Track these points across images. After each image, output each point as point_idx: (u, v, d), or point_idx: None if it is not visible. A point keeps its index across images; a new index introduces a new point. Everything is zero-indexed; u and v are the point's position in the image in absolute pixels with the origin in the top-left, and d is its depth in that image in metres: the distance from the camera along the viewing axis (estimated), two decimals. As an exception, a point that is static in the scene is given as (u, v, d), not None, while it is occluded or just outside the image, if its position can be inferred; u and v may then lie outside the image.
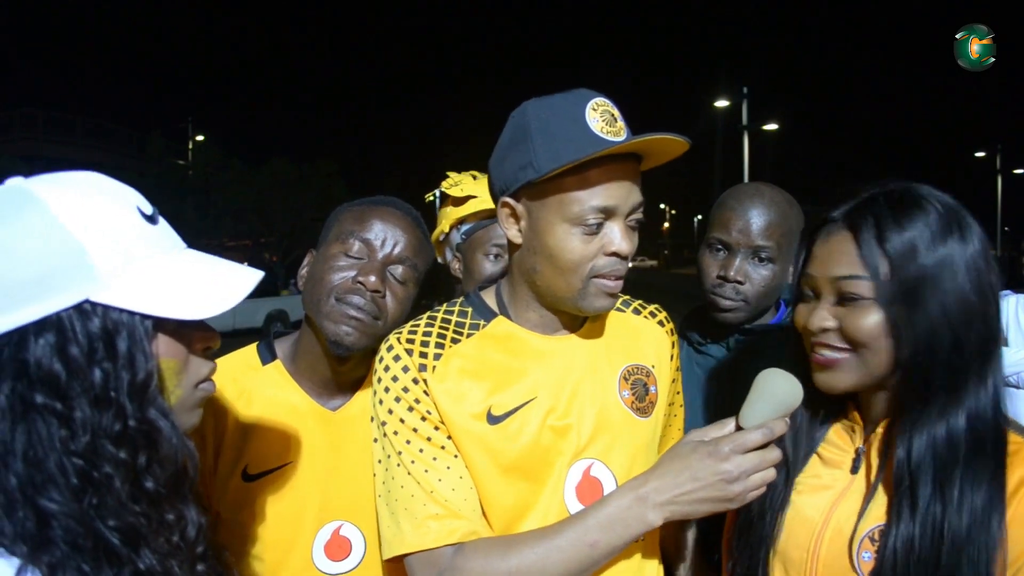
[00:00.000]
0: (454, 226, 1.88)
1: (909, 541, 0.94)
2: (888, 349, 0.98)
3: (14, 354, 0.71)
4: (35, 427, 0.70)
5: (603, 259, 1.10)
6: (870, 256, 0.98)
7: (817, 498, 1.08)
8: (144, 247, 0.79)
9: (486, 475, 1.12)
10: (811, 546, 1.05)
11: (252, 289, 0.85)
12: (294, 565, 1.25)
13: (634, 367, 1.24)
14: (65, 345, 0.72)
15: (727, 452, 1.02)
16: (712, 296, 1.59)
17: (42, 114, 26.86)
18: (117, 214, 0.78)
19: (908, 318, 0.96)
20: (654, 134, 1.04)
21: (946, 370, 0.96)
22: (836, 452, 1.11)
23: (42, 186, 0.76)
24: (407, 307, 1.34)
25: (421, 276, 1.37)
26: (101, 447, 0.72)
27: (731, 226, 1.56)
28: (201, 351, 0.86)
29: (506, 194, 1.14)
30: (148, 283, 0.77)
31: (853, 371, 1.02)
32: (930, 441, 0.96)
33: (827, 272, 1.03)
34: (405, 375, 1.14)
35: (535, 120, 1.09)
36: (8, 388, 0.70)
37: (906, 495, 0.96)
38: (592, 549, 1.05)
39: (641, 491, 1.05)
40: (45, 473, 0.70)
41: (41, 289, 0.71)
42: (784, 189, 1.64)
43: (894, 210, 0.99)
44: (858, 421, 1.10)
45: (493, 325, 1.20)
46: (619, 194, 1.08)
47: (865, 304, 0.99)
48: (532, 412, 1.13)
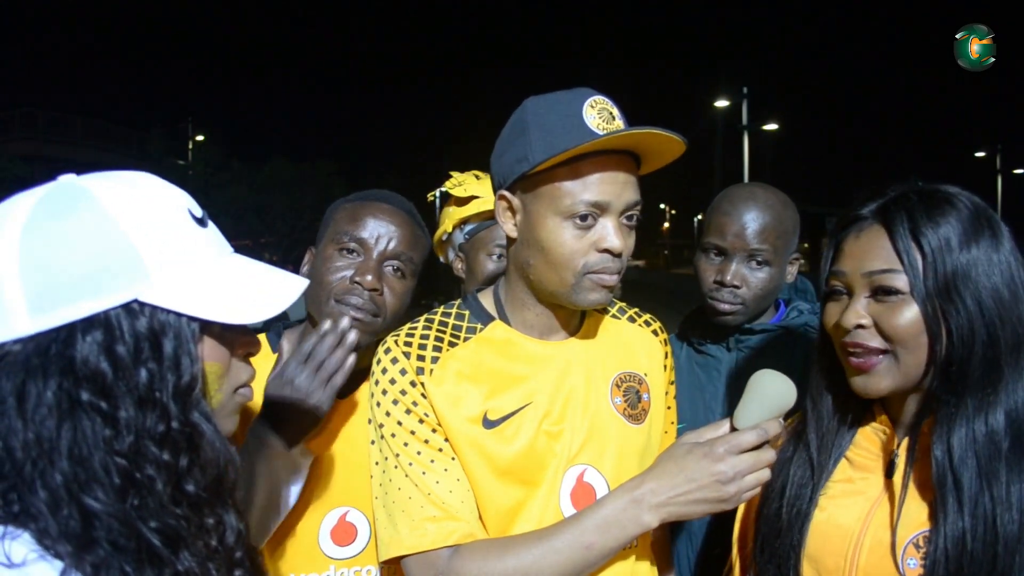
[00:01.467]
0: (457, 226, 1.88)
1: (959, 540, 0.92)
2: (924, 347, 0.97)
3: (62, 350, 0.70)
4: (80, 425, 0.70)
5: (595, 255, 1.10)
6: (906, 250, 0.97)
7: (851, 504, 1.06)
8: (193, 250, 0.78)
9: (482, 478, 1.12)
10: (849, 554, 1.03)
11: (296, 297, 0.84)
12: (301, 550, 1.27)
13: (627, 374, 1.24)
14: (112, 344, 0.71)
15: (722, 453, 1.02)
16: (710, 300, 1.59)
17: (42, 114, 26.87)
18: (169, 215, 0.78)
19: (944, 313, 0.96)
20: (646, 128, 1.04)
21: (982, 366, 0.95)
22: (866, 456, 1.09)
23: (96, 183, 0.76)
24: (406, 300, 1.35)
25: (419, 267, 1.38)
26: (144, 448, 0.72)
27: (726, 231, 1.56)
28: (242, 356, 0.85)
29: (503, 187, 1.15)
30: (196, 286, 0.76)
31: (891, 374, 1.00)
32: (970, 437, 0.94)
33: (861, 267, 1.01)
34: (403, 378, 1.14)
35: (533, 115, 1.10)
36: (55, 385, 0.70)
37: (951, 492, 0.94)
38: (588, 551, 1.05)
39: (636, 493, 1.05)
40: (90, 472, 0.70)
41: (92, 286, 0.71)
42: (784, 189, 1.64)
43: (927, 206, 0.99)
44: (887, 424, 1.08)
45: (490, 329, 1.20)
46: (612, 190, 1.08)
47: (901, 299, 0.98)
48: (527, 417, 1.14)
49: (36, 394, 0.69)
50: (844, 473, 1.09)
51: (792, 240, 1.60)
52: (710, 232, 1.60)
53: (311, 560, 1.28)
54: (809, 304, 1.69)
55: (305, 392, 1.16)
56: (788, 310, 1.67)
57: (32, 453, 0.69)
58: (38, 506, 0.69)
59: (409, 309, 1.40)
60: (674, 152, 1.12)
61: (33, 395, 0.69)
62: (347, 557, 1.29)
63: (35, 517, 0.68)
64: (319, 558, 1.28)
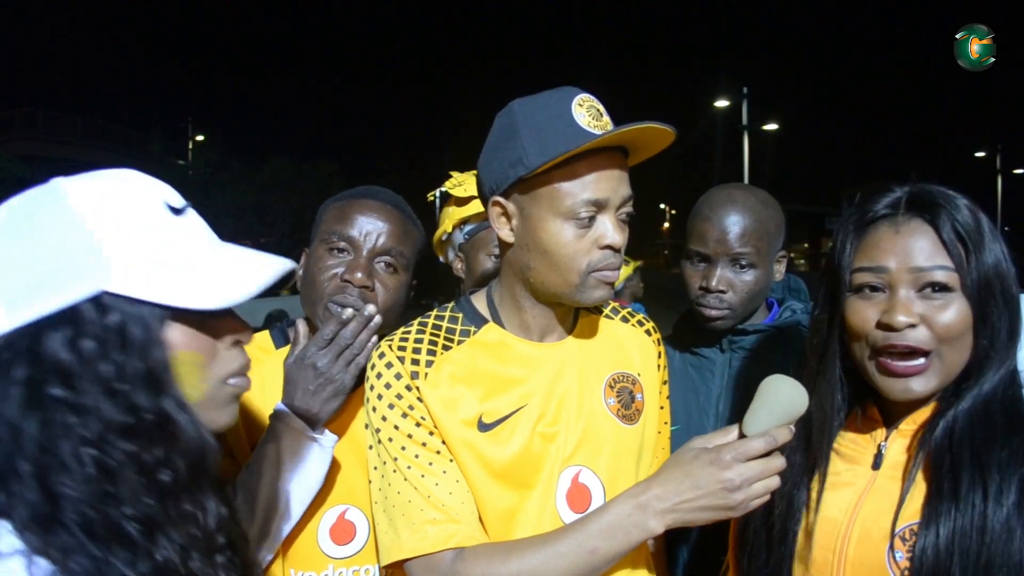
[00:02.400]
0: (457, 226, 1.88)
1: (950, 532, 0.91)
2: (968, 345, 0.97)
3: (30, 344, 0.71)
4: (48, 416, 0.71)
5: (598, 253, 1.10)
6: (953, 246, 0.97)
7: (838, 496, 1.05)
8: (166, 239, 0.79)
9: (478, 481, 1.12)
10: (837, 546, 1.02)
11: (273, 278, 0.83)
12: (299, 548, 1.27)
13: (620, 375, 1.24)
14: (78, 336, 0.72)
15: (729, 460, 1.00)
16: (698, 307, 1.59)
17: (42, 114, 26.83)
18: (137, 206, 0.78)
19: (985, 308, 0.96)
20: (641, 123, 1.04)
21: (1001, 356, 0.97)
22: (854, 448, 1.08)
23: (71, 182, 0.77)
24: (400, 295, 1.36)
25: (411, 260, 1.38)
26: (112, 438, 0.72)
27: (708, 236, 1.55)
28: (230, 344, 0.85)
29: (496, 193, 1.14)
30: (166, 274, 0.77)
31: (937, 375, 0.98)
32: (968, 419, 0.95)
33: (907, 263, 0.98)
34: (398, 382, 1.14)
35: (522, 118, 1.09)
36: (24, 378, 0.71)
37: (947, 478, 0.93)
38: (592, 556, 1.04)
39: (642, 498, 1.04)
40: (58, 460, 0.71)
41: (57, 281, 0.72)
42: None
43: (951, 203, 0.99)
44: (876, 415, 1.07)
45: (483, 332, 1.20)
46: (609, 187, 1.09)
47: (953, 296, 0.97)
48: (522, 420, 1.14)
49: (3, 387, 0.71)
50: (833, 466, 1.09)
51: (776, 239, 1.59)
52: (692, 239, 1.60)
53: (310, 559, 1.27)
54: (802, 304, 1.68)
55: (328, 373, 1.20)
56: (781, 310, 1.67)
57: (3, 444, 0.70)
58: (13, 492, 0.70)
59: (409, 309, 1.40)
60: (664, 143, 1.12)
61: (1, 388, 0.71)
62: (346, 556, 1.28)
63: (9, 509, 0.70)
64: (318, 557, 1.27)
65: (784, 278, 1.75)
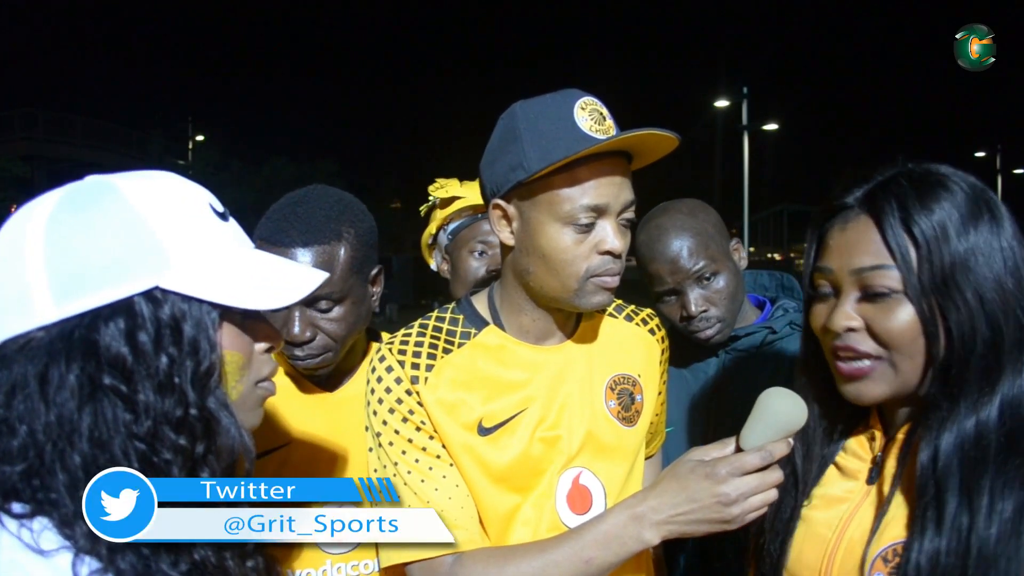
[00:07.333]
0: (441, 227, 1.87)
1: (935, 556, 0.83)
2: (922, 351, 0.88)
3: (85, 335, 0.72)
4: (101, 408, 0.71)
5: (597, 258, 1.10)
6: (897, 243, 0.87)
7: (831, 513, 1.00)
8: (214, 241, 0.80)
9: (478, 485, 1.12)
10: (822, 566, 0.97)
11: (316, 286, 0.86)
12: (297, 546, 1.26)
13: (620, 376, 1.24)
14: (134, 329, 0.73)
15: (724, 475, 0.99)
16: (688, 332, 1.58)
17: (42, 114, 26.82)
18: (190, 208, 0.80)
19: (943, 311, 0.86)
20: (642, 130, 1.04)
21: (982, 366, 0.85)
22: (854, 461, 1.02)
23: (119, 179, 0.78)
24: (352, 317, 1.29)
25: (349, 281, 1.27)
26: (162, 432, 0.73)
27: (663, 274, 1.55)
28: (264, 350, 0.86)
29: (497, 196, 1.13)
30: (216, 274, 0.78)
31: (885, 380, 0.91)
32: (958, 441, 0.85)
33: (848, 264, 0.91)
34: (398, 386, 1.14)
35: (524, 121, 1.09)
36: (78, 369, 0.71)
37: (931, 505, 0.85)
38: (588, 565, 1.04)
39: (638, 510, 1.04)
40: (109, 455, 0.71)
41: (115, 274, 0.73)
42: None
43: (918, 191, 0.88)
44: (878, 427, 1.00)
45: (484, 335, 1.19)
46: (609, 192, 1.08)
47: (895, 298, 0.88)
48: (522, 424, 1.14)
49: (59, 377, 0.71)
50: (830, 480, 1.04)
51: (722, 237, 1.60)
52: (652, 283, 1.59)
53: (308, 556, 1.28)
54: (795, 303, 1.68)
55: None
56: (774, 309, 1.66)
57: (53, 435, 0.70)
58: (58, 488, 0.70)
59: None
60: (667, 148, 1.11)
61: (56, 378, 0.71)
62: (342, 552, 1.29)
63: (56, 504, 0.70)
64: (315, 553, 1.28)
65: (777, 277, 1.75)
